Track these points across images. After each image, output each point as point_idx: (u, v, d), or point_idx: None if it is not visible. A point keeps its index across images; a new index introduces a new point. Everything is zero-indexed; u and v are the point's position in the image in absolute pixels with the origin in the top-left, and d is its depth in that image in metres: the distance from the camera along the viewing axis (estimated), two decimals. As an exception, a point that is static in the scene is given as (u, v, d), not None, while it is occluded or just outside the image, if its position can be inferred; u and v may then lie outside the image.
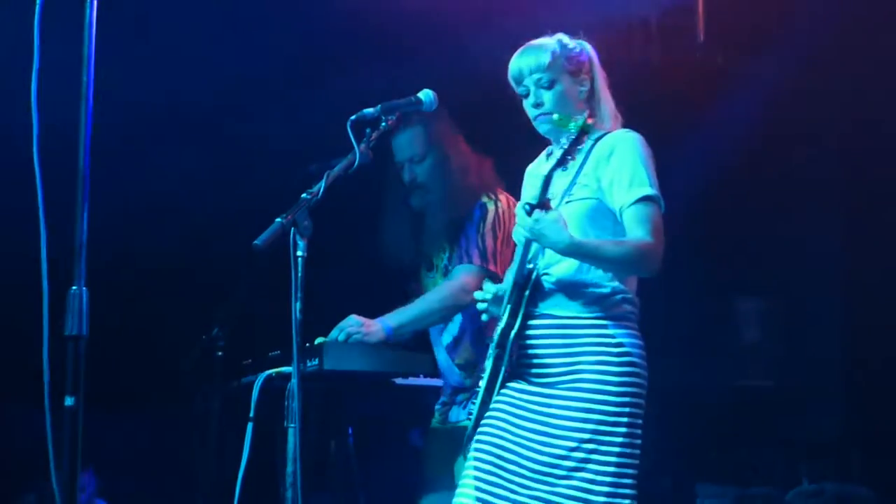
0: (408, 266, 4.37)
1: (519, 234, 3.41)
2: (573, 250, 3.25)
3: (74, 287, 2.50)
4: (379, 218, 4.39)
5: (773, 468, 5.44)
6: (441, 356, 4.25)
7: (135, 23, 4.72)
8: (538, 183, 3.26)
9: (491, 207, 4.18)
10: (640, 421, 3.31)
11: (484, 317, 3.45)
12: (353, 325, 4.00)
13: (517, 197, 3.71)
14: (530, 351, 3.34)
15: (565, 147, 3.23)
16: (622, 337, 3.32)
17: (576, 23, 3.62)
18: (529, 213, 3.23)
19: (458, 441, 4.03)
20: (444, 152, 4.21)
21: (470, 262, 4.14)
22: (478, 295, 3.43)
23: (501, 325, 3.35)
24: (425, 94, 3.65)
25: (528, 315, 3.34)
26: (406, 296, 4.37)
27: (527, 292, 3.34)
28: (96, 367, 2.62)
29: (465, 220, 4.17)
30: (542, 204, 3.23)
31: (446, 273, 4.24)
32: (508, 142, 3.84)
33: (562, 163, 3.24)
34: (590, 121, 3.27)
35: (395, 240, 4.33)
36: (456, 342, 4.23)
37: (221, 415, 4.32)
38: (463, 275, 4.12)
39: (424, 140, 4.20)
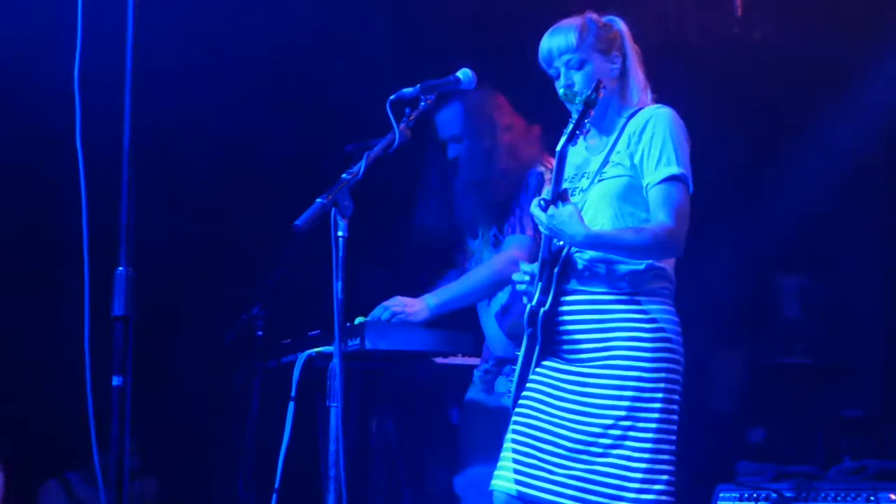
0: (447, 240, 4.36)
1: None
2: (590, 243, 3.25)
3: (121, 268, 2.51)
4: (417, 194, 4.38)
5: (814, 445, 5.41)
6: (489, 325, 4.23)
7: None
8: (555, 162, 3.24)
9: (547, 176, 4.14)
10: (676, 397, 3.30)
11: (525, 299, 3.44)
12: (398, 304, 4.00)
13: None
14: (563, 328, 3.34)
15: (574, 121, 3.22)
16: (656, 313, 3.31)
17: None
18: (545, 210, 3.22)
19: (501, 415, 4.04)
20: (483, 129, 4.18)
21: (522, 232, 4.12)
22: (516, 277, 3.43)
23: (532, 302, 3.35)
24: (464, 73, 3.64)
25: (561, 292, 3.34)
26: (450, 266, 4.37)
27: (556, 269, 3.33)
28: (139, 346, 2.63)
29: (520, 189, 4.14)
30: (560, 195, 3.23)
31: (495, 242, 4.22)
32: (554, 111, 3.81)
33: (572, 138, 3.22)
34: (599, 94, 3.24)
35: (430, 217, 4.31)
36: (505, 311, 4.20)
37: (262, 394, 4.34)
38: (514, 246, 4.11)
39: (463, 118, 4.19)
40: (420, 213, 4.34)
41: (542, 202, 3.24)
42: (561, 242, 3.32)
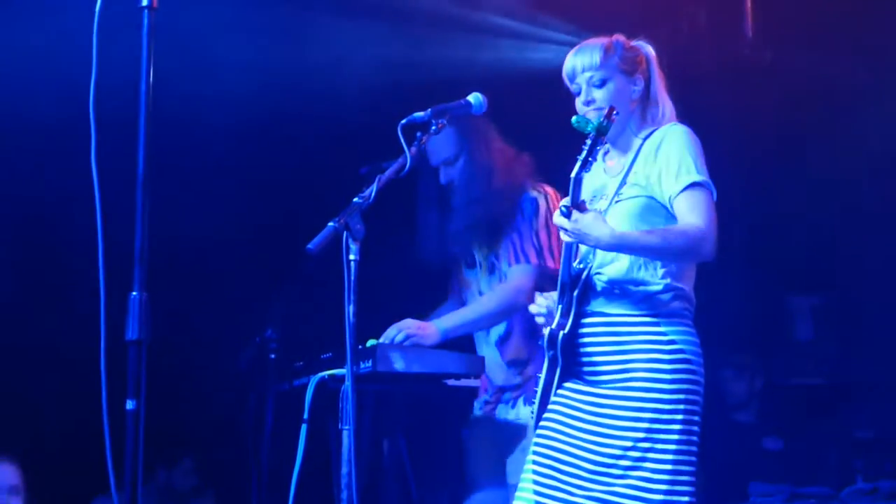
0: (444, 264, 4.36)
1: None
2: (617, 242, 3.24)
3: (135, 292, 2.52)
4: (413, 218, 4.38)
5: (826, 466, 5.40)
6: (488, 354, 4.21)
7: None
8: (570, 188, 3.24)
9: (542, 202, 4.14)
10: (696, 418, 3.30)
11: (540, 319, 3.44)
12: (410, 327, 4.00)
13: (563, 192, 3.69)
14: (583, 350, 3.35)
15: (587, 148, 3.22)
16: (675, 334, 3.31)
17: (623, 20, 3.61)
18: (568, 216, 3.23)
19: (506, 437, 4.05)
20: (476, 151, 4.17)
21: (527, 261, 4.11)
22: (533, 309, 3.44)
23: (552, 325, 3.35)
24: (475, 98, 3.66)
25: (581, 314, 3.34)
26: (451, 294, 4.37)
27: (576, 292, 3.34)
28: (153, 369, 2.64)
29: (515, 215, 4.14)
30: (578, 206, 3.23)
31: (491, 269, 4.21)
32: (554, 139, 3.83)
33: (585, 165, 3.21)
34: (612, 120, 3.23)
35: (427, 240, 4.31)
36: (504, 339, 4.20)
37: (275, 417, 4.35)
38: (519, 276, 4.10)
39: (456, 141, 4.17)
40: (419, 241, 4.33)
41: (564, 209, 3.24)
42: (581, 265, 3.33)
